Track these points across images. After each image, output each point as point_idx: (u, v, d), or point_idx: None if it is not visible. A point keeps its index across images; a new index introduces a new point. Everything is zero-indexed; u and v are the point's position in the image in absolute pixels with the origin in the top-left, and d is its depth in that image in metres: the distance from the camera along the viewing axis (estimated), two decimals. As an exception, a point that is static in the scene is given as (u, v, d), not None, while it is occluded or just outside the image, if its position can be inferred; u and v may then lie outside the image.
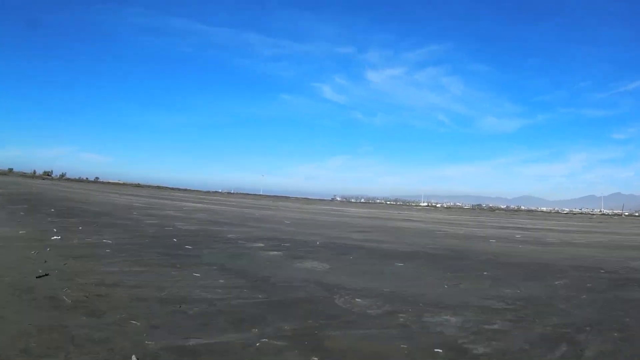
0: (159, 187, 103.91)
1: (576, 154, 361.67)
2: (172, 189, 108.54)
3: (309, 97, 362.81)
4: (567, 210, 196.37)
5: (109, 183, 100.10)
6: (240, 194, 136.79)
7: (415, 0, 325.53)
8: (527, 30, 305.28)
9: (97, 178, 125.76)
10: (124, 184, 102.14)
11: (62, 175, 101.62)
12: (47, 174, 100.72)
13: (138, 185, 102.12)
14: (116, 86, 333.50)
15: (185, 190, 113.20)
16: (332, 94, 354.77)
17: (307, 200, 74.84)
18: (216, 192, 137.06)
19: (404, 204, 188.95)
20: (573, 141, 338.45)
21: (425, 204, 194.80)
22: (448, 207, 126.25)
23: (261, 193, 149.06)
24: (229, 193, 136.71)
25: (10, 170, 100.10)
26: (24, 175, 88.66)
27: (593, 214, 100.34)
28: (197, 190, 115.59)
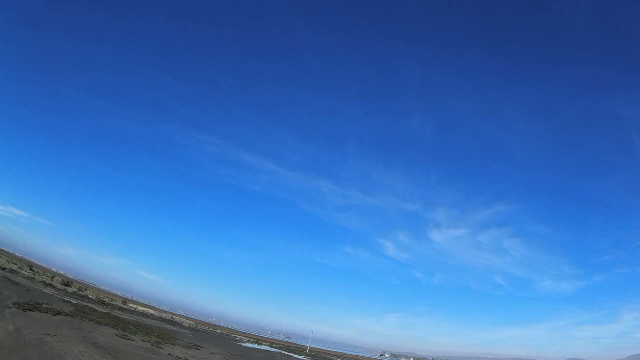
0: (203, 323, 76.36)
1: (629, 313, 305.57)
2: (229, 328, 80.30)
3: (372, 252, 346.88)
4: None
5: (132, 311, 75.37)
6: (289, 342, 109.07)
7: (485, 158, 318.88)
8: (592, 187, 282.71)
9: (125, 301, 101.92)
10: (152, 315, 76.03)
11: (81, 289, 79.90)
12: (67, 284, 79.37)
13: (169, 321, 75.64)
14: (186, 213, 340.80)
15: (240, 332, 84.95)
16: (394, 251, 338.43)
17: None
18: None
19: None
20: (627, 301, 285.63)
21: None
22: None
23: (309, 344, 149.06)
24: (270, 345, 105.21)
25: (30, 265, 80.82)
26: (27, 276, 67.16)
27: None
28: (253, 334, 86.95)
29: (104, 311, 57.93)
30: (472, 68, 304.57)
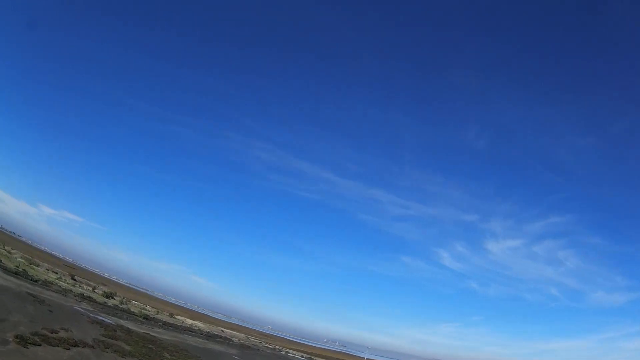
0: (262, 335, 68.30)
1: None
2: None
3: (429, 262, 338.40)
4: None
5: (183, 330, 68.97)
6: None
7: (539, 169, 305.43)
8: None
9: (172, 314, 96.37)
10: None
11: (124, 302, 74.60)
12: (109, 295, 74.27)
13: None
14: (240, 219, 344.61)
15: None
16: (450, 261, 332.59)
17: None
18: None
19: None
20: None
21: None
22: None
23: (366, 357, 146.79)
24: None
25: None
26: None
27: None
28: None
29: (141, 332, 51.09)
30: (525, 80, 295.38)
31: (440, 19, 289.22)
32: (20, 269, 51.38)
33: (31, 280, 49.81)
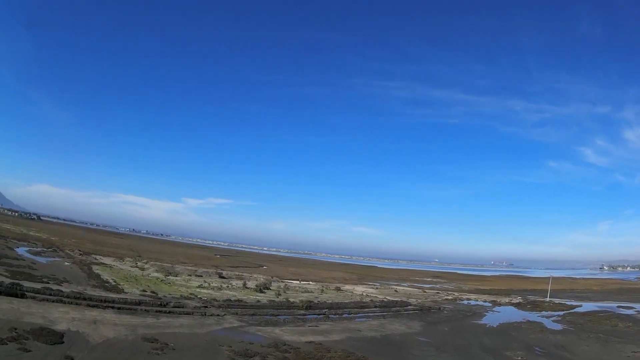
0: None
1: None
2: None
3: (573, 161, 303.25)
4: None
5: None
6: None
7: None
8: None
9: (338, 287, 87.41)
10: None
11: (281, 291, 65.80)
12: (263, 288, 65.96)
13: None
14: (384, 159, 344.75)
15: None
16: (594, 157, 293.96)
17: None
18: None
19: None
20: None
21: None
22: None
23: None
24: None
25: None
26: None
27: None
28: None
29: (303, 342, 39.11)
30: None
31: None
32: (147, 293, 44.34)
33: (159, 305, 41.65)
